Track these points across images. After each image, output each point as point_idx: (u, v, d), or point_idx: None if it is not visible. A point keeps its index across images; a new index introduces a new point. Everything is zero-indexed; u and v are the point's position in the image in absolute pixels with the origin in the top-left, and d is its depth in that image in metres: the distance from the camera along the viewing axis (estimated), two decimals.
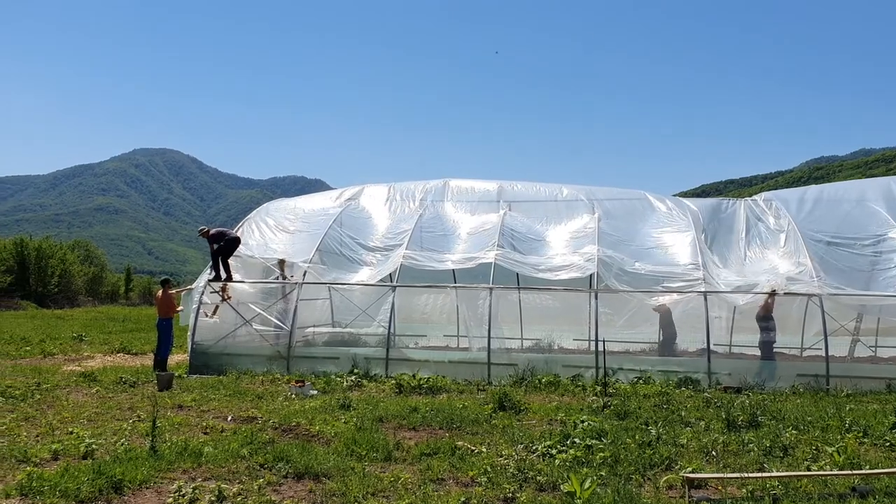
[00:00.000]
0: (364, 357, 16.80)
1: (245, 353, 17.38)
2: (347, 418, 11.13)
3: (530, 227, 18.76)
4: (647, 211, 19.32)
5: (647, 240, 18.01)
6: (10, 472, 7.85)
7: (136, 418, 10.98)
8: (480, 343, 16.57)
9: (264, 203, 22.10)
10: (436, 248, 18.18)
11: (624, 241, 17.78)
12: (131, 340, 24.85)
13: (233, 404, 12.57)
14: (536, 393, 14.34)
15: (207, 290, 17.93)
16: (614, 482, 7.63)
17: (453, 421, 10.98)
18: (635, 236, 18.13)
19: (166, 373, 15.33)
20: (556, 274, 16.81)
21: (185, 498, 7.04)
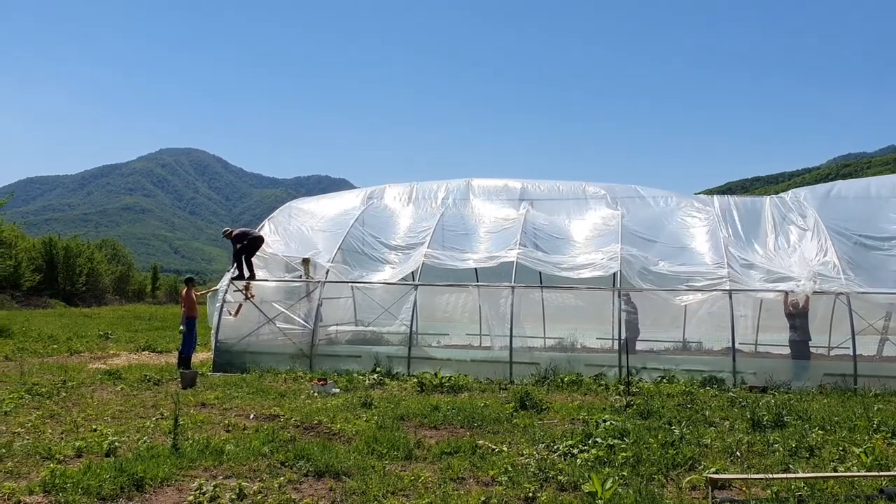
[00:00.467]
0: (386, 355, 16.81)
1: (268, 352, 17.47)
2: (369, 416, 11.13)
3: (553, 225, 18.68)
4: (671, 209, 19.15)
5: (672, 238, 17.85)
6: (35, 469, 7.92)
7: (159, 416, 11.05)
8: (502, 342, 16.52)
9: (289, 202, 22.20)
10: (458, 246, 18.16)
11: (648, 240, 17.64)
12: (157, 338, 25.10)
13: (255, 402, 12.62)
14: (559, 392, 14.27)
15: (231, 288, 18.04)
16: (636, 482, 7.56)
17: (474, 420, 10.95)
18: (659, 234, 17.98)
19: (190, 371, 15.44)
20: (578, 272, 16.72)
21: (205, 496, 7.06)
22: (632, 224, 18.10)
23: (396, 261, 18.18)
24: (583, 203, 19.64)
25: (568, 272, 16.76)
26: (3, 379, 14.91)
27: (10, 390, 13.10)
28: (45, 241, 62.49)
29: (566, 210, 19.44)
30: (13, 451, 8.62)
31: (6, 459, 8.28)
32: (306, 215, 20.46)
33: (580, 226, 18.61)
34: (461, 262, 17.51)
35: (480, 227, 18.97)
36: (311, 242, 19.10)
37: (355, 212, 20.06)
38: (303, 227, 19.82)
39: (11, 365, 17.36)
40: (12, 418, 10.74)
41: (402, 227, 19.38)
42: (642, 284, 16.43)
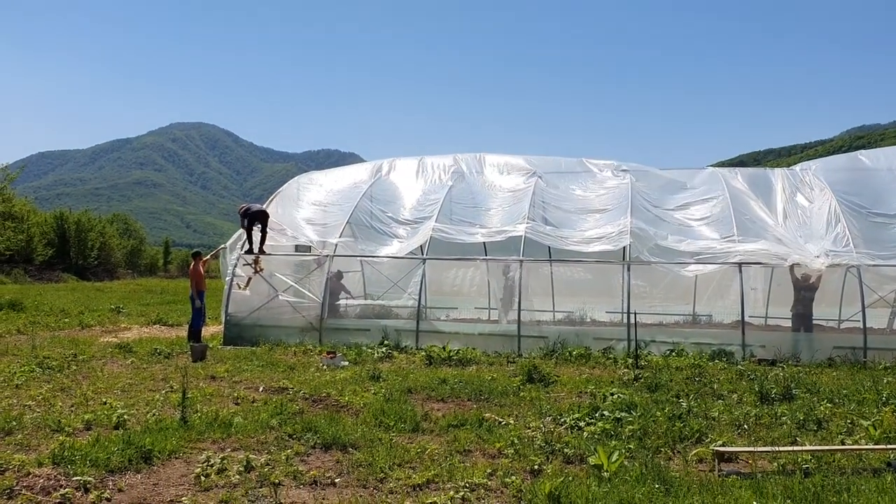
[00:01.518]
0: (395, 329, 16.84)
1: (278, 325, 17.51)
2: (377, 389, 11.16)
3: (562, 199, 18.57)
4: (680, 182, 19.01)
5: (681, 211, 17.72)
6: (45, 442, 7.98)
7: (168, 389, 11.11)
8: (511, 315, 16.52)
9: (298, 176, 22.16)
10: (466, 220, 18.11)
11: (657, 214, 17.52)
12: (168, 312, 25.21)
13: (265, 375, 12.68)
14: (566, 365, 14.26)
15: (240, 262, 18.06)
16: (643, 455, 7.55)
17: (482, 393, 10.96)
18: (669, 208, 17.85)
19: (200, 344, 15.51)
20: (587, 246, 16.64)
21: (213, 468, 7.10)
22: (641, 198, 17.98)
23: (405, 234, 18.15)
24: (592, 177, 19.52)
25: (576, 246, 16.69)
26: (14, 352, 15.02)
27: (21, 363, 13.20)
28: (57, 216, 62.80)
29: (575, 184, 19.32)
30: (23, 423, 8.68)
31: (16, 432, 8.34)
32: (315, 189, 20.42)
33: (589, 200, 18.50)
34: (469, 237, 17.47)
35: (489, 201, 18.89)
36: (320, 216, 19.08)
37: (364, 186, 20.02)
38: (311, 201, 19.80)
39: (23, 338, 17.48)
40: (23, 391, 10.82)
41: (411, 201, 19.33)
42: (651, 258, 16.35)
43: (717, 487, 6.57)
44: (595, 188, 18.99)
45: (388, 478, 6.91)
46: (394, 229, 18.47)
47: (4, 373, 12.26)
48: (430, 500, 6.22)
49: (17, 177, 30.44)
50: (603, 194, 18.47)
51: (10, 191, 28.83)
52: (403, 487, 6.65)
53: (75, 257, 61.45)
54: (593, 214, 17.84)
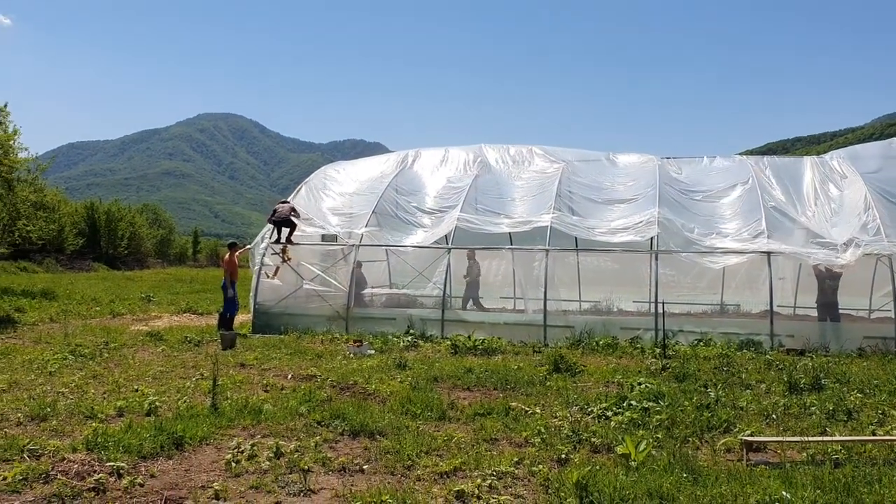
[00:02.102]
0: (420, 318, 16.89)
1: (305, 314, 17.64)
2: (403, 377, 11.22)
3: (588, 189, 18.46)
4: (708, 171, 18.83)
5: (709, 202, 17.53)
6: (78, 428, 8.11)
7: (199, 376, 11.24)
8: (536, 305, 16.48)
9: (324, 166, 22.23)
10: (491, 210, 18.06)
11: (685, 204, 17.37)
12: (197, 301, 25.50)
13: (293, 363, 12.80)
14: (593, 355, 14.22)
15: (268, 251, 18.20)
16: (670, 444, 7.52)
17: (508, 382, 10.98)
18: (697, 198, 17.67)
19: (230, 332, 15.68)
20: (613, 237, 16.52)
21: (243, 454, 7.18)
22: (669, 187, 17.83)
23: (429, 224, 18.15)
24: (619, 167, 19.40)
25: (603, 237, 16.58)
26: (48, 340, 15.28)
27: (54, 351, 13.42)
28: (88, 206, 63.60)
29: (602, 174, 19.20)
30: (57, 410, 8.83)
31: (51, 418, 8.49)
32: (341, 179, 20.49)
33: (616, 190, 18.38)
34: (494, 227, 17.43)
35: (514, 191, 18.84)
36: (346, 206, 19.15)
37: (389, 176, 20.05)
38: (337, 191, 19.86)
39: (56, 327, 17.77)
40: (57, 378, 11.01)
41: (436, 191, 19.32)
42: (679, 248, 16.20)
43: (745, 477, 6.53)
44: (622, 177, 18.86)
45: (416, 465, 6.94)
46: (419, 219, 18.49)
47: (38, 360, 12.48)
48: (458, 487, 6.24)
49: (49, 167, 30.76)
50: (630, 184, 18.33)
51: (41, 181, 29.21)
52: (431, 475, 6.69)
53: (106, 247, 62.23)
54: (620, 204, 17.72)
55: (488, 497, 6.05)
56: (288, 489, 6.32)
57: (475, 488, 6.23)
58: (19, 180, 25.40)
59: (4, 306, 22.01)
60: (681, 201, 17.40)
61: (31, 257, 50.12)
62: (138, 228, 68.01)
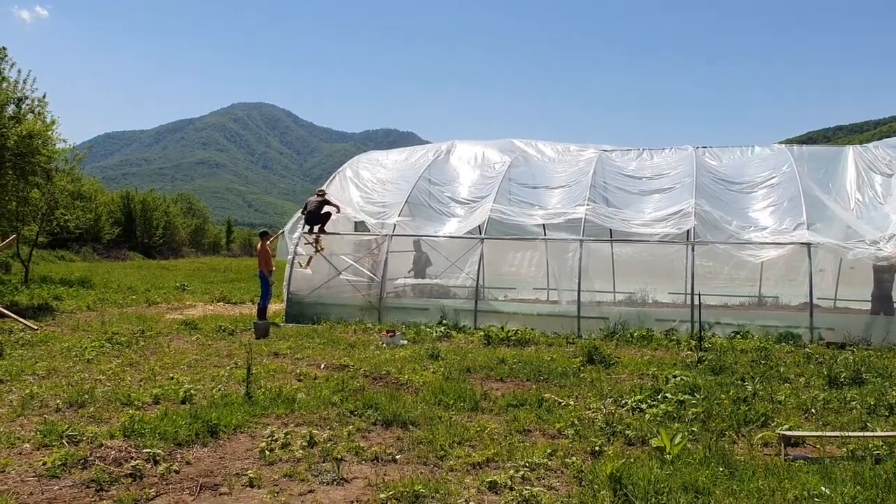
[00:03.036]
0: (453, 309, 16.92)
1: (338, 304, 17.76)
2: (436, 368, 11.28)
3: (623, 179, 18.32)
4: (746, 160, 18.58)
5: (747, 192, 17.30)
6: (115, 415, 8.27)
7: (233, 365, 11.39)
8: (570, 296, 16.42)
9: (358, 155, 22.33)
10: (524, 200, 18.01)
11: (722, 195, 17.14)
12: (231, 290, 25.78)
13: (326, 353, 12.91)
14: (628, 347, 14.15)
15: (301, 241, 18.34)
16: (706, 438, 7.47)
17: (541, 373, 10.97)
18: (734, 187, 17.45)
19: (263, 321, 15.85)
20: (650, 228, 16.37)
21: (277, 442, 7.27)
22: (706, 177, 17.62)
23: (463, 214, 18.16)
24: (655, 158, 19.22)
25: (638, 229, 16.45)
26: (85, 328, 15.57)
27: (92, 339, 13.68)
28: (123, 195, 64.49)
29: (638, 165, 19.04)
30: (95, 396, 9.01)
31: (88, 405, 8.66)
32: (374, 169, 20.56)
33: (652, 181, 18.19)
34: (527, 218, 17.37)
35: (549, 182, 18.76)
36: (379, 196, 19.22)
37: (423, 166, 20.07)
38: (370, 180, 19.93)
39: (93, 315, 18.10)
40: (94, 366, 11.23)
41: (469, 181, 19.32)
42: (716, 239, 16.00)
43: (783, 472, 6.46)
44: (657, 168, 18.68)
45: (448, 455, 6.98)
46: (452, 209, 18.51)
47: (76, 348, 12.73)
48: (491, 478, 6.26)
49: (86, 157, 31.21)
50: (666, 174, 18.15)
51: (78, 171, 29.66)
52: (463, 465, 6.71)
53: (141, 236, 63.12)
54: (655, 195, 17.56)
55: (521, 488, 6.06)
56: (321, 478, 6.39)
57: (508, 479, 6.25)
58: (57, 170, 25.82)
59: (43, 294, 22.47)
60: (718, 192, 17.19)
61: (68, 246, 51.01)
62: (173, 218, 68.85)
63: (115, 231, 58.23)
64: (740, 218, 16.31)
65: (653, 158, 19.35)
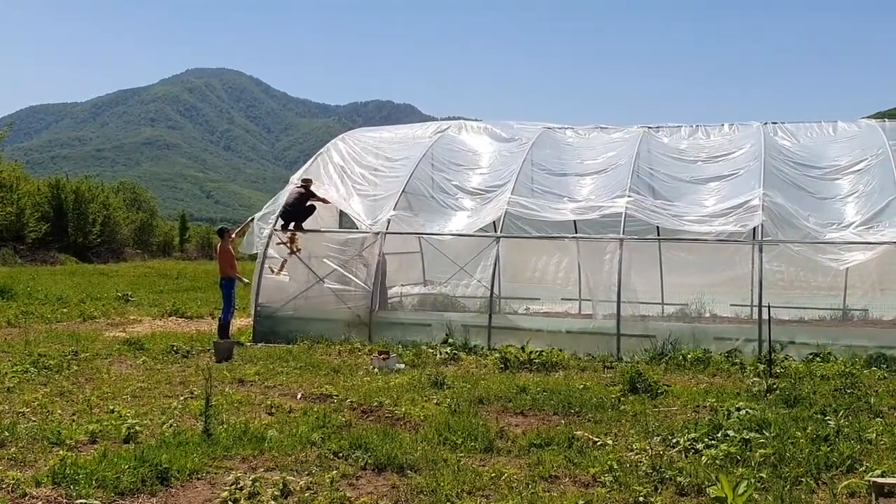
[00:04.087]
0: (462, 324, 16.94)
1: (319, 318, 17.79)
2: (440, 398, 11.29)
3: (673, 164, 18.34)
4: (828, 139, 18.58)
5: (829, 180, 17.29)
6: (43, 456, 8.29)
7: (188, 395, 11.44)
8: (607, 309, 16.41)
9: (343, 134, 22.31)
10: (551, 191, 18.03)
11: (797, 181, 17.14)
12: (186, 301, 25.86)
13: (304, 379, 12.96)
14: (679, 372, 14.17)
15: (273, 241, 18.30)
16: (778, 486, 7.46)
17: (571, 405, 10.98)
18: (812, 173, 17.45)
19: (225, 341, 15.89)
20: (707, 226, 16.34)
21: (242, 492, 7.27)
22: (777, 160, 17.61)
23: (474, 207, 18.15)
24: (713, 138, 19.25)
25: (693, 226, 16.42)
26: (5, 349, 15.62)
27: (13, 362, 13.73)
28: (52, 184, 64.62)
29: (690, 143, 19.05)
30: (17, 433, 9.03)
31: (9, 444, 8.68)
32: (364, 151, 20.55)
33: (710, 166, 18.21)
34: (554, 213, 17.37)
35: (581, 168, 18.79)
36: (369, 184, 19.22)
37: (424, 147, 20.07)
38: (359, 164, 19.93)
39: (15, 332, 18.16)
40: (16, 395, 11.26)
41: (482, 167, 19.38)
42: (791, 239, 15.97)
43: None
44: (716, 149, 18.70)
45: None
46: (460, 201, 18.52)
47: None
48: None
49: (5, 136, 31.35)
50: (727, 156, 18.15)
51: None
52: None
53: (74, 234, 63.25)
54: (713, 182, 17.56)
55: None
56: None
57: None
58: None
59: None
60: (792, 179, 17.18)
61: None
62: (114, 212, 69.02)
63: (43, 228, 58.31)
64: (820, 212, 16.30)
65: (709, 137, 19.38)
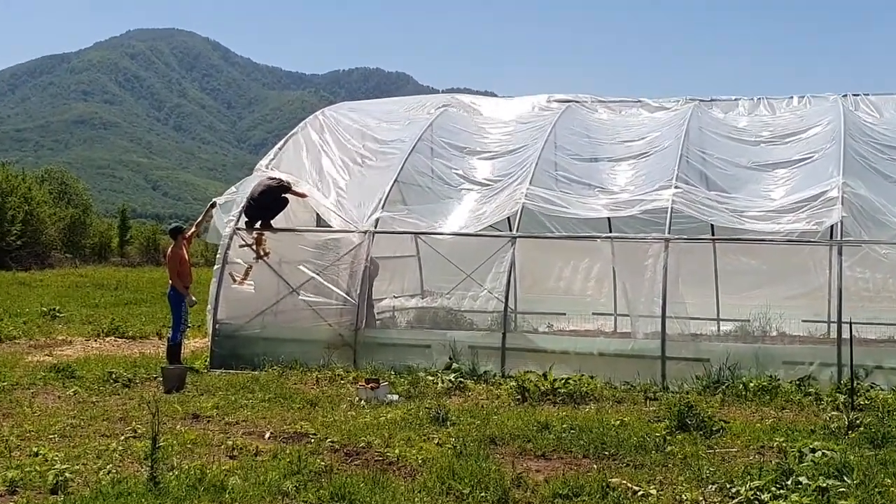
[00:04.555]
0: (469, 345, 16.91)
1: (292, 338, 17.77)
2: (443, 438, 11.28)
3: (731, 147, 18.34)
4: None
5: None
6: None
7: (130, 434, 11.41)
8: (650, 326, 16.39)
9: (322, 109, 22.29)
10: (578, 179, 18.00)
11: (885, 171, 17.10)
12: (127, 318, 25.83)
13: (273, 414, 12.95)
14: (739, 404, 14.15)
15: (235, 242, 18.24)
16: None
17: (605, 445, 10.98)
18: None
19: (176, 367, 15.87)
20: (772, 224, 16.30)
21: None
22: (858, 141, 17.60)
23: (483, 200, 18.11)
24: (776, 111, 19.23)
25: (757, 224, 16.37)
26: None
27: None
28: None
29: (751, 124, 19.04)
30: None
31: None
32: (347, 131, 20.53)
33: (777, 148, 18.20)
34: (584, 210, 17.32)
35: (614, 149, 18.77)
36: (354, 172, 19.21)
37: (421, 126, 20.07)
38: (342, 148, 19.92)
39: None
40: None
41: (493, 150, 19.34)
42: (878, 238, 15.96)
43: None
44: (784, 126, 18.68)
45: None
46: (466, 193, 18.50)
47: None
48: None
49: None
50: (798, 136, 18.14)
51: None
52: None
53: None
54: (780, 169, 17.54)
55: None
56: None
57: None
58: None
59: None
60: (879, 165, 17.15)
61: None
62: (37, 207, 68.85)
63: None
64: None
65: (775, 113, 19.37)
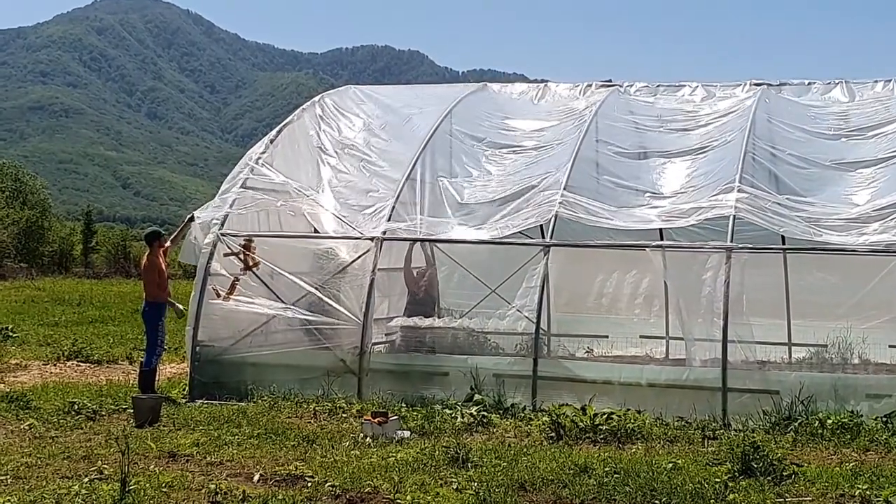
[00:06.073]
0: (494, 373, 16.93)
1: (285, 364, 17.79)
2: (463, 482, 11.27)
3: (805, 141, 18.29)
4: None
5: None
6: None
7: (95, 475, 11.44)
8: (708, 352, 16.37)
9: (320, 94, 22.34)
10: (623, 180, 17.99)
11: None
12: (92, 338, 25.93)
13: (263, 452, 12.97)
14: (815, 444, 14.13)
15: (219, 251, 18.27)
16: None
17: (655, 493, 10.97)
18: None
19: (150, 396, 15.92)
20: (853, 234, 16.27)
21: None
22: None
23: (510, 204, 18.10)
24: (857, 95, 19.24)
25: (836, 235, 16.33)
26: None
27: None
28: None
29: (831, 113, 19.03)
30: None
31: None
32: (352, 122, 20.59)
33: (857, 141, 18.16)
34: (631, 220, 17.27)
35: (666, 143, 18.79)
36: (360, 171, 19.25)
37: (438, 116, 20.11)
38: (345, 142, 19.97)
39: None
40: None
41: (522, 145, 19.40)
42: None
43: None
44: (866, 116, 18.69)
45: None
46: (489, 195, 18.51)
47: None
48: None
49: None
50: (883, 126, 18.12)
51: None
52: None
53: None
54: (864, 169, 17.52)
55: None
56: None
57: None
58: None
59: None
60: None
61: None
62: None
63: None
64: None
65: (853, 99, 19.34)
